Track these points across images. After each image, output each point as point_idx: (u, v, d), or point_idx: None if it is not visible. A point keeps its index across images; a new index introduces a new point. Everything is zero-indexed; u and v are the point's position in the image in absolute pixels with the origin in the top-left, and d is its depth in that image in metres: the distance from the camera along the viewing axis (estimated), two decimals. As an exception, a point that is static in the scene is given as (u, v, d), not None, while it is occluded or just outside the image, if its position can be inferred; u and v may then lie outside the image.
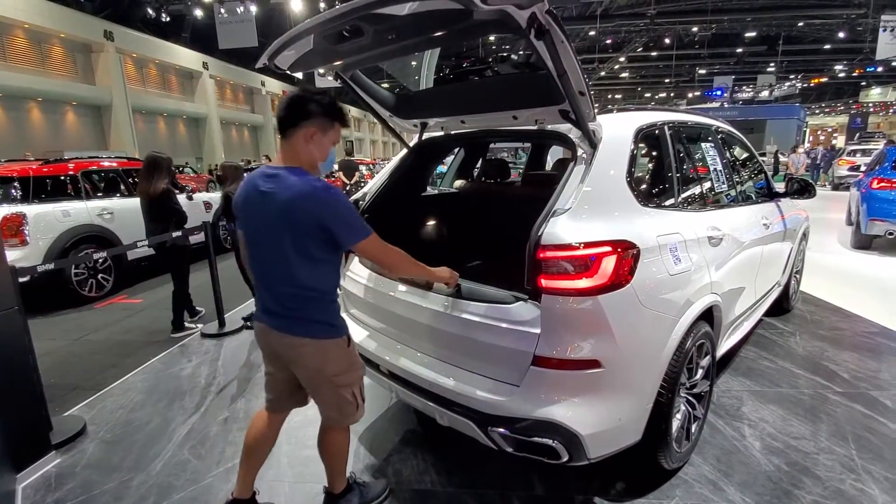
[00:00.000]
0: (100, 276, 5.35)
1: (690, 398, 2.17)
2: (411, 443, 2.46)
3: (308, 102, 1.55)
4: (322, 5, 15.99)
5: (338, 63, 2.08)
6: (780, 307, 4.03)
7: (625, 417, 1.75)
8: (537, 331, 1.64)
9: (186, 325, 4.26)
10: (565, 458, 1.66)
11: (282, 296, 1.61)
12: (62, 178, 5.30)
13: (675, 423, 2.01)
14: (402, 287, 2.15)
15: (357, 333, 2.37)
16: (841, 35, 22.73)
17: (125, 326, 4.46)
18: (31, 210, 4.82)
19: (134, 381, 3.27)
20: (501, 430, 1.69)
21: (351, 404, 1.74)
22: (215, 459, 2.36)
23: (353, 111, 36.09)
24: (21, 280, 2.42)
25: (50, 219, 4.95)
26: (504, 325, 1.73)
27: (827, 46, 26.16)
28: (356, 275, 2.44)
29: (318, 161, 1.61)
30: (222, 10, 14.72)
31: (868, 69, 26.58)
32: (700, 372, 2.18)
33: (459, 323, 1.86)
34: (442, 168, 4.27)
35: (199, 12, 16.93)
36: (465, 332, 1.86)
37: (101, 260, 5.26)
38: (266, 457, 1.90)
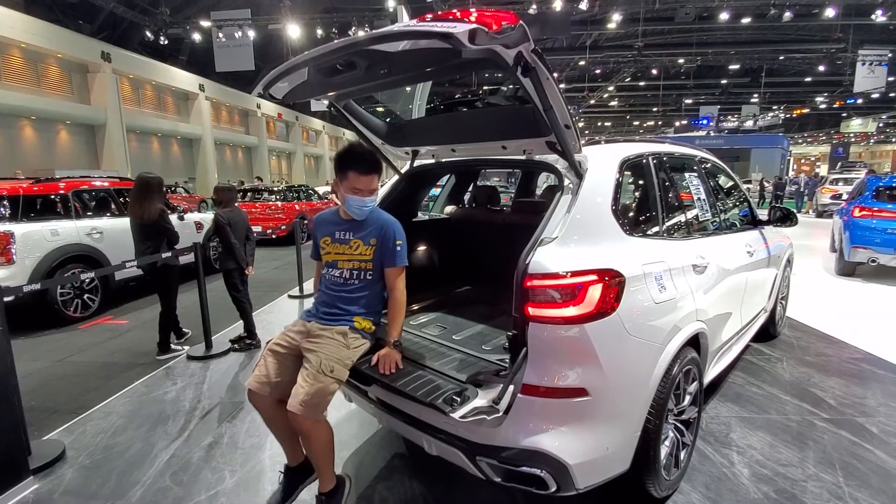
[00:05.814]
0: (86, 296, 5.27)
1: (679, 425, 2.17)
2: (398, 469, 2.42)
3: (336, 160, 1.96)
4: (319, 31, 16.32)
5: (331, 94, 2.13)
6: (767, 333, 4.07)
7: (613, 446, 1.75)
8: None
9: (172, 346, 4.19)
10: (553, 489, 1.65)
11: None
12: (52, 196, 5.28)
13: (664, 451, 2.02)
14: None
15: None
16: (821, 68, 23.55)
17: (110, 348, 4.39)
18: (20, 229, 4.78)
19: (116, 405, 3.21)
20: (489, 459, 1.68)
21: None
22: (198, 487, 2.30)
23: (347, 134, 36.50)
24: (6, 300, 2.39)
25: (38, 238, 4.89)
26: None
27: (808, 79, 27.06)
28: None
29: (341, 206, 2.01)
30: (220, 35, 15.04)
31: (848, 101, 27.47)
32: (688, 398, 2.19)
33: None
34: (435, 191, 4.32)
35: (197, 36, 17.21)
36: None
37: (87, 280, 5.20)
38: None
